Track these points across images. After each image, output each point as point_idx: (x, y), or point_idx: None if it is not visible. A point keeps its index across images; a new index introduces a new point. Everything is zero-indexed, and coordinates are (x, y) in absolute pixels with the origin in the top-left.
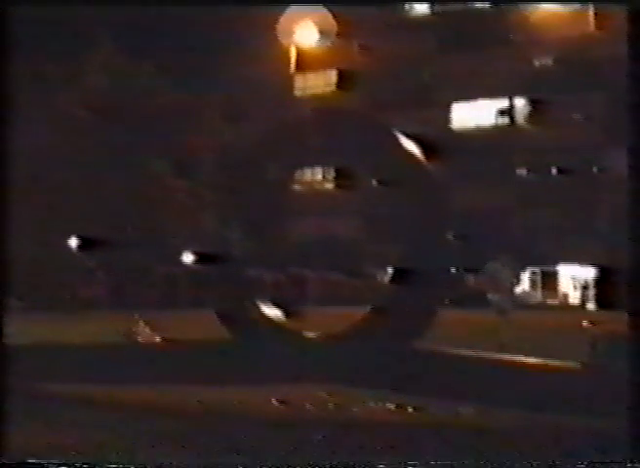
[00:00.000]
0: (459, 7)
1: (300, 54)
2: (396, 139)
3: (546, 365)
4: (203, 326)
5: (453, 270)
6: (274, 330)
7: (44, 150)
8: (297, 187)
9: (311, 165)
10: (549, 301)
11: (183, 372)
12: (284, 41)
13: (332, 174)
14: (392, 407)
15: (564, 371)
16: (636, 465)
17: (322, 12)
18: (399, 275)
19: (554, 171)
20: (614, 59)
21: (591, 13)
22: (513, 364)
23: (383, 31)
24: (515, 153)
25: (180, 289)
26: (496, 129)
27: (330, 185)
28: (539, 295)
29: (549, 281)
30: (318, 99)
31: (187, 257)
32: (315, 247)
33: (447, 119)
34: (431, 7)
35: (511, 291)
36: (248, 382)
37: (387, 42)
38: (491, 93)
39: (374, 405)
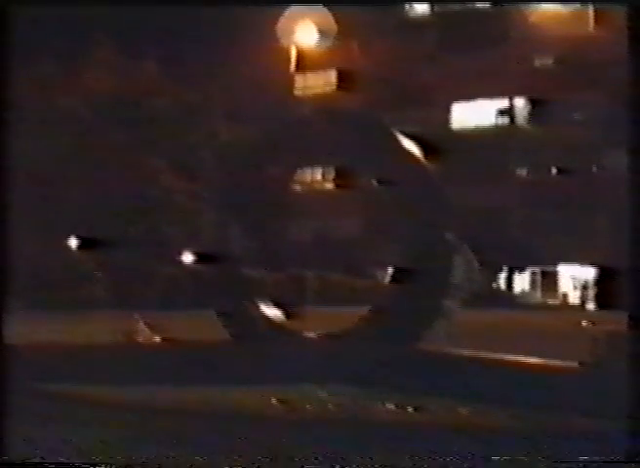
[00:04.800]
0: (458, 7)
1: (299, 54)
2: (396, 139)
3: (546, 365)
4: (203, 326)
5: (453, 270)
6: (274, 330)
7: (44, 150)
8: (297, 187)
9: (311, 165)
10: (549, 301)
11: (183, 372)
12: (284, 41)
13: (332, 173)
14: (392, 407)
15: (564, 371)
16: (636, 465)
17: (322, 12)
18: (399, 275)
19: (554, 171)
20: (613, 59)
21: (591, 13)
22: (513, 364)
23: (383, 31)
24: (515, 153)
25: (179, 289)
26: (496, 129)
27: (330, 185)
28: (538, 295)
29: (549, 281)
30: (318, 99)
31: (187, 257)
32: (315, 246)
33: (447, 119)
34: (431, 7)
35: (466, 288)
36: (248, 382)
37: (387, 42)
38: (491, 93)
39: (374, 405)
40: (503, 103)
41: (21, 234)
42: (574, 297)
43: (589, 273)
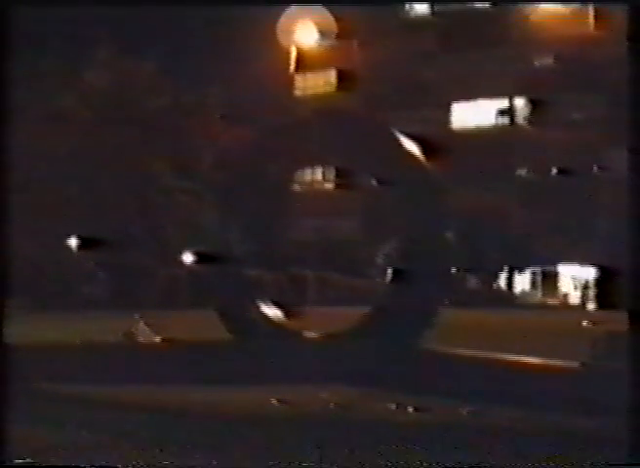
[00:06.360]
0: (458, 7)
1: (299, 54)
2: (396, 139)
3: (546, 365)
4: (203, 326)
5: (453, 270)
6: (274, 329)
7: (44, 150)
8: (296, 187)
9: (311, 165)
10: (549, 301)
11: (183, 372)
12: (284, 41)
13: (332, 173)
14: (392, 407)
15: (564, 371)
16: (636, 465)
17: (322, 12)
18: (399, 275)
19: (554, 171)
20: (614, 59)
21: (591, 12)
22: (513, 364)
23: (383, 31)
24: (515, 153)
25: (180, 288)
26: (496, 129)
27: (330, 185)
28: (539, 295)
29: (549, 281)
30: (318, 99)
31: (187, 257)
32: (315, 246)
33: (447, 119)
34: (431, 7)
35: None
36: (248, 382)
37: (387, 42)
38: (491, 93)
39: (374, 405)
40: (503, 103)
41: (21, 234)
42: (574, 297)
43: (590, 273)
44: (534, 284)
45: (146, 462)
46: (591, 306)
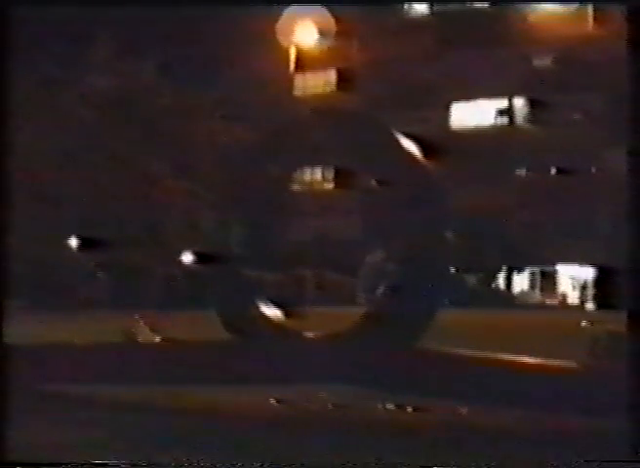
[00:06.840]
0: (458, 7)
1: (299, 53)
2: (395, 139)
3: (545, 365)
4: (203, 326)
5: (452, 270)
6: (274, 329)
7: (44, 150)
8: (296, 187)
9: (311, 165)
10: (548, 301)
11: (183, 372)
12: (283, 41)
13: (331, 173)
14: (392, 407)
15: (563, 372)
16: (636, 465)
17: (322, 12)
18: (398, 275)
19: (553, 171)
20: (614, 59)
21: (591, 12)
22: (513, 364)
23: (383, 31)
24: (514, 153)
25: (179, 289)
26: (495, 129)
27: (329, 185)
28: (537, 295)
29: (548, 281)
30: (317, 99)
31: (187, 257)
32: (314, 246)
33: (446, 119)
34: (430, 7)
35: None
36: (247, 382)
37: (387, 42)
38: (490, 93)
39: (374, 405)
40: (503, 103)
41: (21, 234)
42: (573, 297)
43: (589, 273)
44: (532, 284)
45: (146, 461)
46: (590, 306)
